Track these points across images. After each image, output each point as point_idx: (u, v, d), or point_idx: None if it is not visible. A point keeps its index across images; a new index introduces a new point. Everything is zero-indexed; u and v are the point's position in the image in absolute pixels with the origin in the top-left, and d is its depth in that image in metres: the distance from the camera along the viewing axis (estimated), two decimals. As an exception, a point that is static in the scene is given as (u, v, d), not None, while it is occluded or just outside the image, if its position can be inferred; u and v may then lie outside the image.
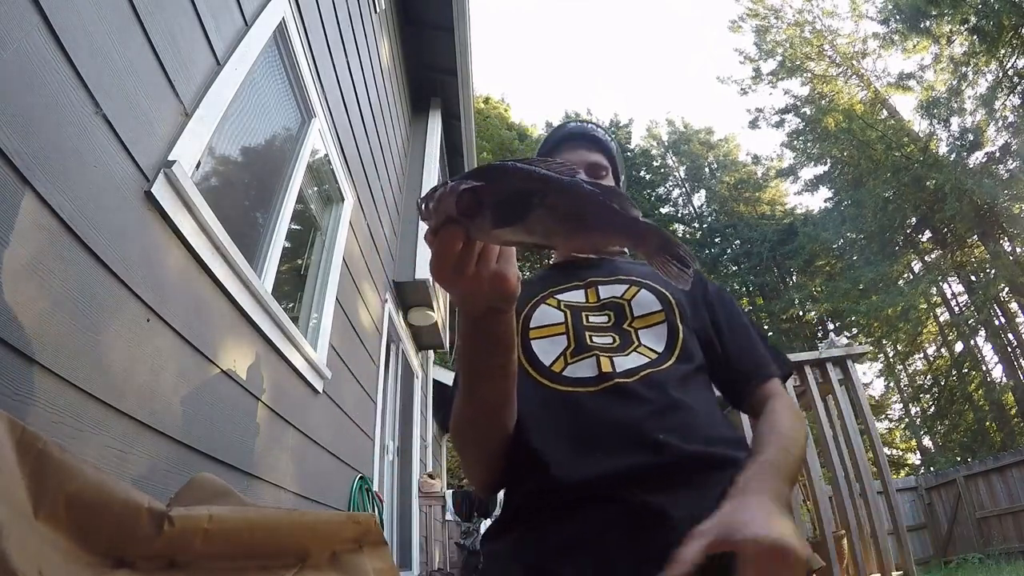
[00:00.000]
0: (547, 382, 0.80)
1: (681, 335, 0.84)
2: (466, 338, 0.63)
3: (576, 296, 0.91)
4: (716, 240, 26.08)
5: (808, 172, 21.16)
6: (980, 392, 17.26)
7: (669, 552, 0.52)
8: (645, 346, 0.82)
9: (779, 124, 21.14)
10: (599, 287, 0.92)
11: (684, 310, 0.88)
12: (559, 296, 0.91)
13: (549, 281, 0.95)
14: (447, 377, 6.36)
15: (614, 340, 0.83)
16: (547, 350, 0.83)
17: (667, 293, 0.90)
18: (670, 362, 0.80)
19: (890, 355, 20.96)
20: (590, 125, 1.06)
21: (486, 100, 25.05)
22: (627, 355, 0.80)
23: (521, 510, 0.74)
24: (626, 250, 0.92)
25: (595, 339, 0.83)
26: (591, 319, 0.86)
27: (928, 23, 15.46)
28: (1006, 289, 15.79)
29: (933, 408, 18.89)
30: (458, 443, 0.78)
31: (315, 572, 0.52)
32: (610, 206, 0.45)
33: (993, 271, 16.13)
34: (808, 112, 20.02)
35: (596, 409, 0.74)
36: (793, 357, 2.95)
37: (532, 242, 0.47)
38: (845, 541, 2.73)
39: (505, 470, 0.77)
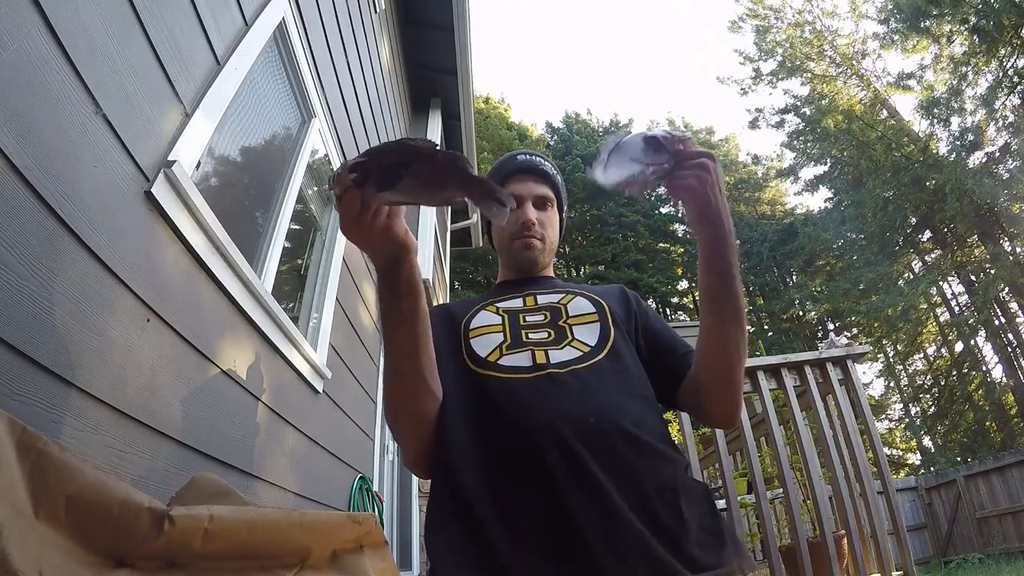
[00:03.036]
0: (481, 370, 0.85)
1: (613, 335, 0.90)
2: (380, 292, 0.74)
3: (515, 303, 0.98)
4: (716, 240, 26.02)
5: (808, 172, 21.19)
6: (980, 392, 17.26)
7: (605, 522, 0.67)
8: (579, 340, 0.88)
9: (779, 124, 21.14)
10: (537, 295, 0.99)
11: (617, 316, 0.95)
12: (498, 304, 0.98)
13: (491, 296, 1.04)
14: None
15: (549, 335, 0.89)
16: (484, 345, 0.89)
17: (601, 301, 0.97)
18: (601, 356, 0.86)
19: (890, 355, 20.96)
20: (537, 159, 1.10)
21: (486, 100, 25.05)
22: (561, 348, 0.86)
23: (458, 491, 0.76)
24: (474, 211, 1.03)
25: (531, 335, 0.89)
26: (527, 318, 0.93)
27: (928, 23, 15.46)
28: (1006, 289, 15.79)
29: (933, 408, 18.90)
30: (389, 415, 0.83)
31: (315, 572, 0.52)
32: (456, 168, 0.59)
33: (993, 271, 16.13)
34: (808, 112, 20.02)
35: (529, 394, 0.79)
36: (793, 357, 2.95)
37: (406, 200, 0.63)
38: (845, 541, 2.73)
39: (436, 447, 0.82)
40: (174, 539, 0.46)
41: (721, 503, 2.81)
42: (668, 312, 24.91)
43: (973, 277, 17.53)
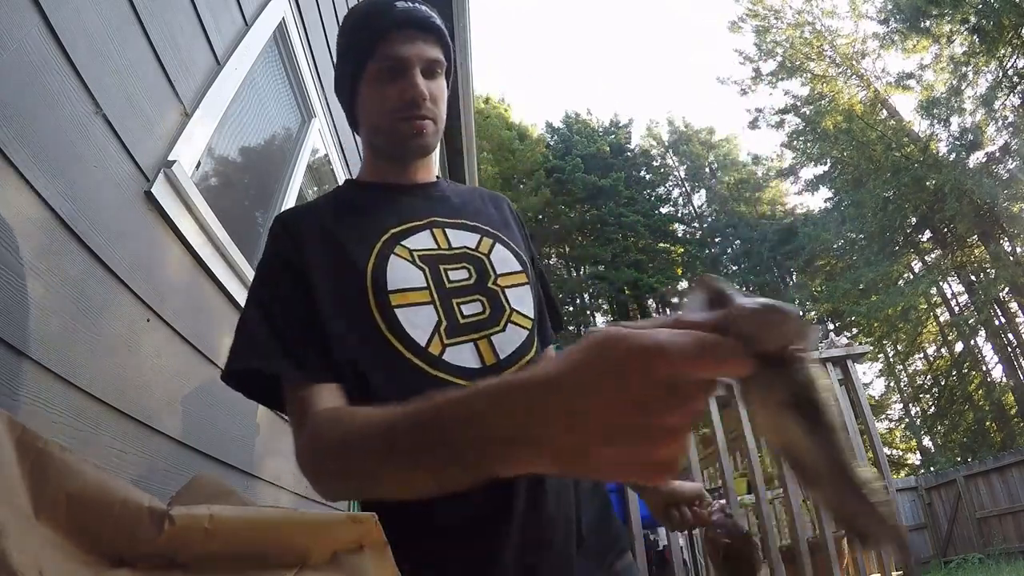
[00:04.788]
0: (426, 367, 0.67)
1: (537, 301, 0.80)
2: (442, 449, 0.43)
3: (424, 242, 0.77)
4: (716, 240, 26.11)
5: (808, 172, 21.20)
6: (980, 392, 17.28)
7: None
8: (518, 312, 0.76)
9: (779, 124, 21.15)
10: (447, 230, 0.79)
11: (531, 271, 0.82)
12: (405, 243, 0.76)
13: (380, 213, 0.79)
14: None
15: (484, 308, 0.74)
16: (416, 324, 0.70)
17: (519, 251, 0.83)
18: (536, 336, 0.78)
19: (890, 355, 20.97)
20: (423, 8, 0.81)
21: (486, 100, 25.05)
22: (503, 329, 0.73)
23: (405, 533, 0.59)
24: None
25: (464, 308, 0.73)
26: (452, 276, 0.75)
27: (928, 23, 15.48)
28: (1006, 289, 15.81)
29: (933, 408, 18.91)
30: (338, 481, 0.63)
31: (315, 572, 0.52)
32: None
33: (993, 271, 16.15)
34: (808, 112, 20.03)
35: None
36: (793, 357, 2.95)
37: (794, 451, 0.34)
38: (845, 541, 2.73)
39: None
40: (174, 538, 0.46)
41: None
42: (668, 312, 24.90)
43: (973, 277, 17.55)
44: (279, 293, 0.74)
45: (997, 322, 16.82)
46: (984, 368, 17.67)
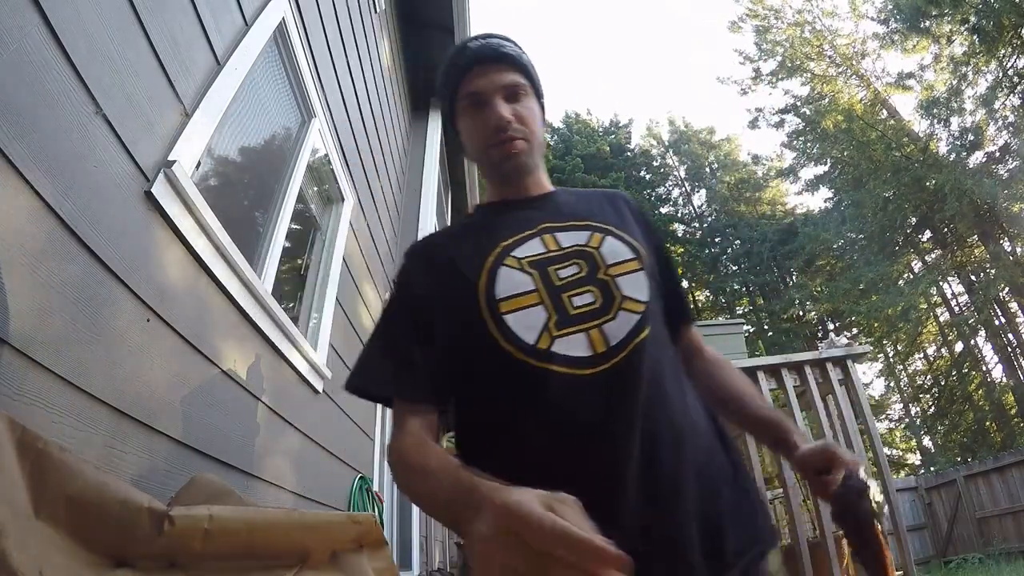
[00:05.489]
0: (533, 361, 0.71)
1: (652, 287, 0.81)
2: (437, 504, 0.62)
3: (534, 248, 0.80)
4: (716, 240, 26.08)
5: (808, 172, 21.19)
6: (980, 392, 17.28)
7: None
8: (629, 298, 0.76)
9: (779, 124, 21.15)
10: (556, 234, 0.82)
11: (647, 258, 0.84)
12: (515, 253, 0.79)
13: (493, 232, 0.83)
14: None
15: (595, 298, 0.76)
16: (527, 324, 0.73)
17: (633, 241, 0.84)
18: (651, 320, 0.77)
19: (890, 355, 20.97)
20: (495, 41, 0.89)
21: (486, 100, 24.96)
22: (614, 317, 0.74)
23: None
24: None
25: (575, 300, 0.75)
26: (561, 273, 0.77)
27: (928, 23, 15.47)
28: (1006, 289, 15.80)
29: (933, 408, 18.91)
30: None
31: (315, 572, 0.52)
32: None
33: (993, 271, 16.14)
34: (808, 112, 20.03)
35: (597, 397, 0.69)
36: (793, 357, 2.96)
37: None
38: (845, 541, 2.73)
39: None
40: (174, 539, 0.46)
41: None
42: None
43: (973, 277, 17.54)
44: (394, 322, 0.85)
45: (997, 322, 16.81)
46: (984, 368, 17.67)
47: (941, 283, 18.57)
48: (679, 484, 0.68)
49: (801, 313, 22.64)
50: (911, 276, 18.40)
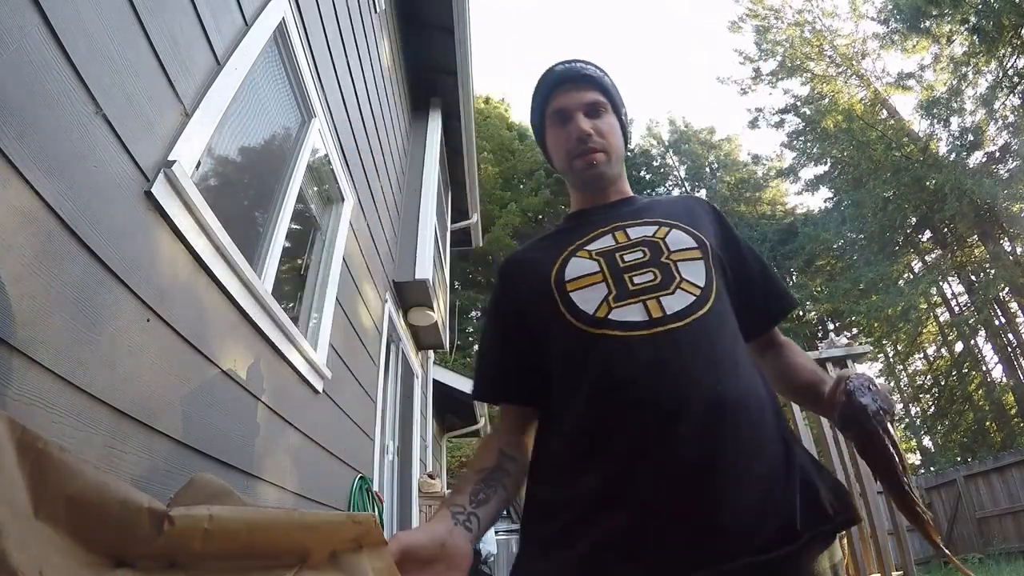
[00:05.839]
0: (590, 328, 0.78)
1: (715, 275, 0.84)
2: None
3: (605, 242, 0.88)
4: (716, 240, 26.02)
5: (808, 172, 21.16)
6: (980, 392, 17.26)
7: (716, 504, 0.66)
8: (688, 281, 0.80)
9: (779, 124, 21.12)
10: (627, 229, 0.89)
11: (716, 251, 0.88)
12: (588, 247, 0.88)
13: (572, 234, 0.93)
14: (447, 377, 6.35)
15: (655, 276, 0.81)
16: (587, 299, 0.81)
17: (701, 236, 0.88)
18: (711, 301, 0.80)
19: (890, 355, 20.97)
20: (577, 64, 0.98)
21: (486, 100, 25.02)
22: (672, 293, 0.79)
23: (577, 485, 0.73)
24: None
25: (636, 279, 0.81)
26: (626, 257, 0.84)
27: (928, 23, 15.46)
28: (1006, 289, 15.79)
29: (933, 408, 18.90)
30: None
31: (315, 572, 0.52)
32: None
33: (993, 271, 16.13)
34: (808, 112, 20.02)
35: (651, 355, 0.73)
36: (793, 357, 2.95)
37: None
38: (845, 541, 2.73)
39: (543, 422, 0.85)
40: (174, 539, 0.46)
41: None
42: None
43: (973, 277, 17.54)
44: (490, 335, 0.97)
45: (997, 322, 16.80)
46: (984, 368, 17.66)
47: (941, 283, 18.56)
48: (715, 454, 0.68)
49: (801, 313, 22.63)
50: (911, 276, 18.39)
